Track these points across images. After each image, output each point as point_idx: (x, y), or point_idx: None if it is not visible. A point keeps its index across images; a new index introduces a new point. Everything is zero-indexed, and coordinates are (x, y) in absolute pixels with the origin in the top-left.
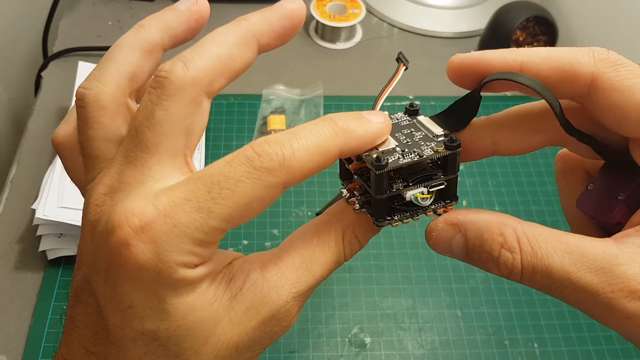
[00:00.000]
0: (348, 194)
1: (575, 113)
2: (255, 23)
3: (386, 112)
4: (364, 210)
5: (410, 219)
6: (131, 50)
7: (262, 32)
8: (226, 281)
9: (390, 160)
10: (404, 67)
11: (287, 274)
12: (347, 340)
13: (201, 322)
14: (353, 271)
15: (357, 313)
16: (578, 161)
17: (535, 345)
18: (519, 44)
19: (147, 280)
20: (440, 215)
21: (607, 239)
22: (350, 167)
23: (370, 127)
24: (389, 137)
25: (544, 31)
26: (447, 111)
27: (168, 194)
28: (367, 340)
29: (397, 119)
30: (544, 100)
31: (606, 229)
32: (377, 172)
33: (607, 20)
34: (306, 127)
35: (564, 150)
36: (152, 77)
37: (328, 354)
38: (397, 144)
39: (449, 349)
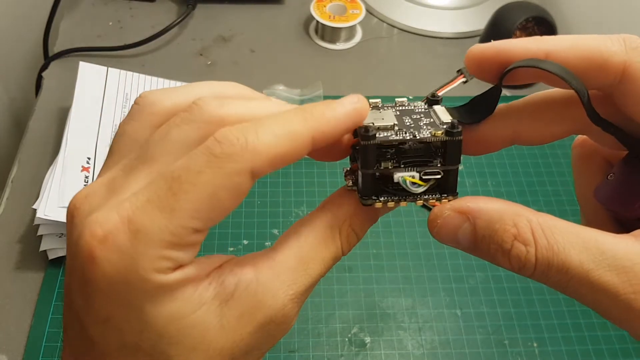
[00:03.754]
0: (347, 174)
1: (599, 102)
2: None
3: (362, 96)
4: (354, 188)
5: (396, 203)
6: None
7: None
8: (215, 286)
9: (381, 135)
10: (462, 80)
11: (283, 276)
12: (347, 339)
13: (186, 330)
14: (353, 271)
15: (357, 312)
16: (597, 148)
17: (535, 344)
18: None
19: (120, 292)
20: (431, 208)
21: (627, 235)
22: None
23: (340, 109)
24: (392, 116)
25: (544, 31)
26: (466, 105)
27: (131, 199)
28: (367, 339)
29: (414, 106)
30: (566, 89)
31: (623, 222)
32: (362, 142)
33: (606, 20)
34: (273, 114)
35: (583, 135)
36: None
37: (328, 353)
38: (396, 122)
39: (449, 349)
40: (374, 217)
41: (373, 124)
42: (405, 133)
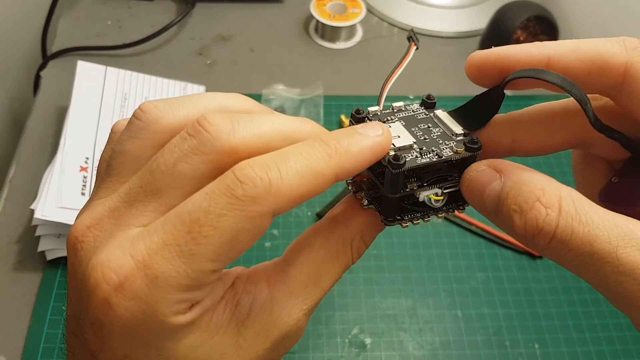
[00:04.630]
0: (355, 188)
1: (599, 111)
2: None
3: (384, 124)
4: (371, 206)
5: (420, 220)
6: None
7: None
8: (230, 308)
9: (408, 159)
10: (415, 47)
11: (297, 292)
12: (347, 341)
13: (205, 356)
14: (353, 272)
15: (357, 314)
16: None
17: (536, 345)
18: (519, 44)
19: (138, 335)
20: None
21: None
22: None
23: (365, 142)
24: (405, 131)
25: (545, 30)
26: (466, 106)
27: (145, 240)
28: (368, 341)
29: (414, 111)
30: (567, 100)
31: None
32: (393, 171)
33: (607, 19)
34: (295, 148)
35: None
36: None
37: (328, 354)
38: (414, 140)
39: (450, 350)
40: (384, 226)
41: (394, 145)
42: (429, 153)
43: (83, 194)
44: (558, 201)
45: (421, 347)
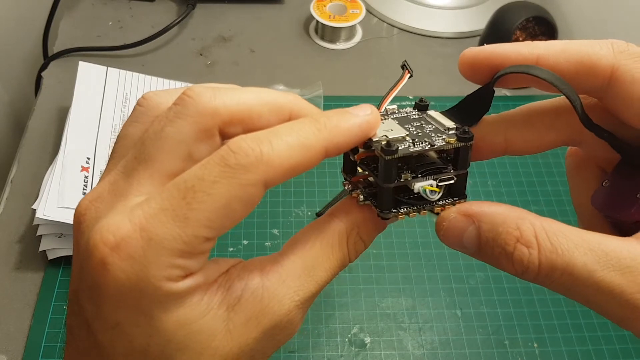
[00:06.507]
0: (351, 187)
1: (590, 110)
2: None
3: (373, 105)
4: (368, 202)
5: (417, 213)
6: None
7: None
8: (222, 291)
9: (400, 147)
10: (409, 75)
11: (289, 281)
12: (347, 340)
13: (193, 335)
14: (353, 271)
15: (357, 313)
16: (591, 156)
17: (535, 345)
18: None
19: (131, 299)
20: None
21: (629, 237)
22: (356, 156)
23: (354, 120)
24: (398, 126)
25: (544, 31)
26: (458, 106)
27: (143, 206)
28: (367, 340)
29: (407, 113)
30: (557, 98)
31: (621, 227)
32: (386, 158)
33: (606, 20)
34: (286, 125)
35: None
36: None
37: (328, 353)
38: (407, 132)
39: (449, 349)
40: (383, 225)
41: (387, 136)
42: (421, 143)
43: (84, 193)
44: (534, 238)
45: (421, 346)
